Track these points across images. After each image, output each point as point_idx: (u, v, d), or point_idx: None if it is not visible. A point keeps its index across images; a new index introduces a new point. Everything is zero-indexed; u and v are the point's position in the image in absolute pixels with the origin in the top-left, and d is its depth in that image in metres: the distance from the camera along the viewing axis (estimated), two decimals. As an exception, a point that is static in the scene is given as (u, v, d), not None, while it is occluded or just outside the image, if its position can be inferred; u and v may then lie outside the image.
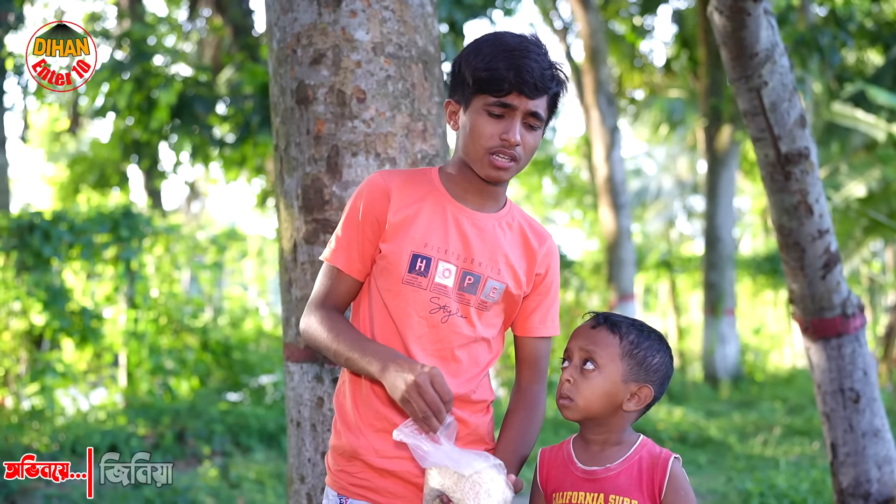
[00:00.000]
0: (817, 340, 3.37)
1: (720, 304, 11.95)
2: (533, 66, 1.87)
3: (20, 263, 8.05)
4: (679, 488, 1.77)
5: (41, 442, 6.94)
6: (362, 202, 1.96)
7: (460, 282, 1.93)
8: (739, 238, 17.77)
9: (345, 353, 1.87)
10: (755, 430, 8.45)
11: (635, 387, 1.80)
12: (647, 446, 1.83)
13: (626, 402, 1.81)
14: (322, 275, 2.01)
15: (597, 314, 1.88)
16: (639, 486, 1.78)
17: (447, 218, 1.96)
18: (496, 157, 1.90)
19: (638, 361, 1.80)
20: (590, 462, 1.84)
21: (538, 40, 1.93)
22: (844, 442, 3.34)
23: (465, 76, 1.91)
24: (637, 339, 1.81)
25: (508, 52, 1.87)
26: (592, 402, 1.80)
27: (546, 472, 1.91)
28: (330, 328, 1.92)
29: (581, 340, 1.83)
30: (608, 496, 1.79)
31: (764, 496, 4.96)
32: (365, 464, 1.93)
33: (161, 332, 8.90)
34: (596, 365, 1.79)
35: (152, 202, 12.63)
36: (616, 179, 11.77)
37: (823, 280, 3.31)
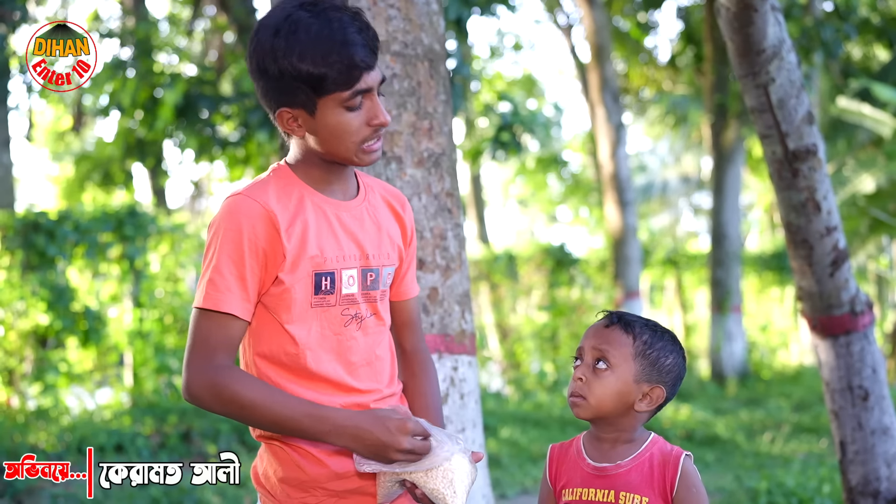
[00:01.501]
0: (826, 338, 3.35)
1: (727, 302, 11.92)
2: (358, 37, 1.71)
3: (25, 263, 8.05)
4: (691, 486, 1.76)
5: (47, 441, 6.95)
6: (245, 234, 1.71)
7: (363, 283, 1.83)
8: (745, 235, 17.73)
9: (283, 424, 1.68)
10: (762, 427, 8.43)
11: (647, 387, 1.79)
12: (658, 444, 1.82)
13: (638, 402, 1.79)
14: (203, 326, 1.71)
15: (610, 313, 1.86)
16: (650, 483, 1.76)
17: (330, 220, 1.82)
18: (370, 143, 1.79)
19: (651, 362, 1.78)
20: (600, 459, 1.83)
21: (332, 2, 1.74)
22: (853, 440, 3.33)
23: (295, 81, 1.71)
24: (650, 339, 1.79)
25: (329, 37, 1.69)
26: (604, 401, 1.78)
27: (556, 468, 1.89)
28: (251, 393, 1.68)
29: (594, 339, 1.81)
30: (619, 493, 1.77)
31: (772, 494, 4.94)
32: (326, 490, 1.82)
33: (166, 332, 8.90)
34: (608, 364, 1.77)
35: (157, 201, 12.64)
36: (622, 177, 11.74)
37: (832, 277, 3.29)
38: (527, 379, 11.13)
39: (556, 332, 11.76)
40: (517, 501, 5.97)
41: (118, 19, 12.93)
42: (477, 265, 11.74)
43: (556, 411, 9.06)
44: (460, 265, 2.71)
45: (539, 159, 18.31)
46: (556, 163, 18.50)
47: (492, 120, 11.65)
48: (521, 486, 6.41)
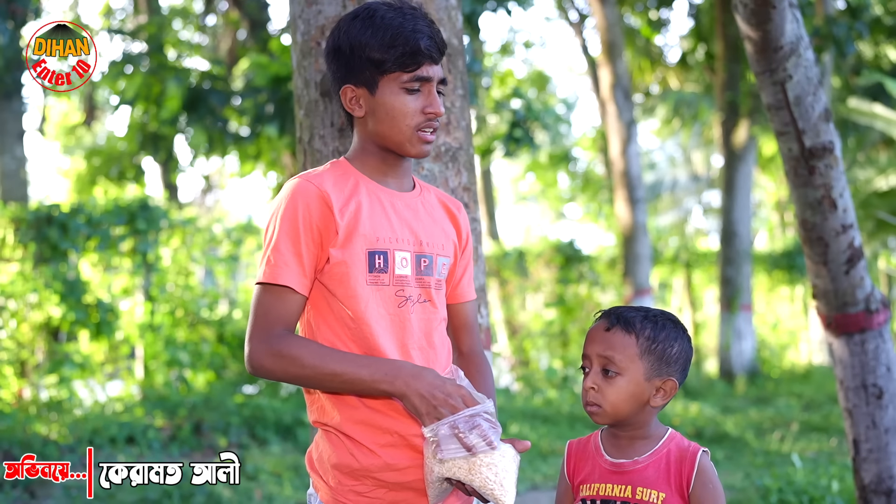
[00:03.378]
0: (840, 336, 3.35)
1: (736, 300, 11.90)
2: (427, 31, 1.85)
3: (38, 255, 8.09)
4: (707, 482, 1.76)
5: (59, 433, 6.98)
6: (300, 213, 1.80)
7: (417, 267, 1.89)
8: (755, 233, 17.70)
9: (342, 375, 1.73)
10: (772, 426, 8.42)
11: (659, 381, 1.79)
12: (675, 440, 1.83)
13: (653, 398, 1.80)
14: (263, 300, 1.80)
15: (607, 313, 1.85)
16: (666, 479, 1.77)
17: (385, 206, 1.90)
18: (424, 133, 1.88)
19: (658, 356, 1.79)
20: (618, 455, 1.84)
21: (410, 5, 1.89)
22: (867, 438, 3.32)
23: (362, 58, 1.85)
24: (652, 332, 1.79)
25: (401, 25, 1.83)
26: (619, 405, 1.79)
27: (574, 463, 1.90)
28: (310, 352, 1.76)
29: (598, 346, 1.81)
30: (636, 489, 1.78)
31: (783, 492, 4.94)
32: (377, 480, 1.85)
33: (177, 325, 8.94)
34: (617, 369, 1.78)
35: (168, 195, 12.67)
36: (632, 174, 11.73)
37: (847, 275, 3.29)
38: (536, 375, 11.14)
39: (565, 329, 11.77)
40: (527, 497, 5.97)
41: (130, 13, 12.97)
42: (487, 261, 11.73)
43: (566, 408, 9.07)
44: (476, 259, 2.71)
45: (550, 155, 18.27)
46: (566, 159, 18.47)
47: (503, 116, 11.64)
48: (531, 483, 6.42)
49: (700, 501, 1.76)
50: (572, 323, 11.77)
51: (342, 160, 1.96)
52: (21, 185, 9.70)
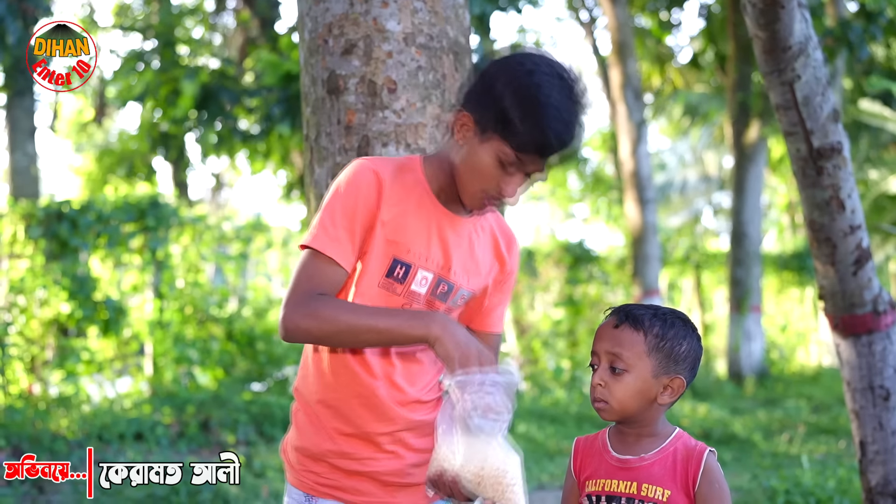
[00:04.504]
0: (847, 337, 3.33)
1: (746, 301, 11.87)
2: (571, 135, 1.78)
3: (48, 252, 8.13)
4: (714, 481, 1.76)
5: (68, 429, 7.01)
6: (358, 192, 1.83)
7: (434, 289, 1.90)
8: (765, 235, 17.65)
9: (377, 326, 1.74)
10: (780, 427, 8.40)
11: (667, 379, 1.79)
12: (682, 438, 1.82)
13: (661, 395, 1.80)
14: (308, 266, 1.82)
15: (617, 311, 1.85)
16: (672, 476, 1.76)
17: (430, 222, 1.89)
18: (487, 201, 1.86)
19: (666, 354, 1.78)
20: (624, 452, 1.84)
21: (582, 89, 1.80)
22: (874, 440, 3.31)
23: (500, 111, 1.76)
24: (661, 330, 1.79)
25: (555, 117, 1.74)
26: (626, 402, 1.78)
27: (580, 460, 1.91)
28: (344, 310, 1.77)
29: (606, 343, 1.81)
30: (641, 485, 1.78)
31: (790, 494, 4.92)
32: (332, 466, 1.92)
33: (186, 322, 8.96)
34: (625, 366, 1.77)
35: (178, 193, 12.71)
36: (642, 174, 11.71)
37: (855, 276, 3.27)
38: (544, 375, 11.14)
39: (573, 329, 11.75)
40: (533, 497, 5.97)
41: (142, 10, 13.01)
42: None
43: (574, 408, 9.06)
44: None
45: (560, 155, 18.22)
46: (576, 159, 18.45)
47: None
48: (538, 482, 6.42)
49: (706, 500, 1.75)
50: (581, 323, 11.76)
51: (418, 159, 1.95)
52: (32, 182, 9.75)
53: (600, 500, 1.82)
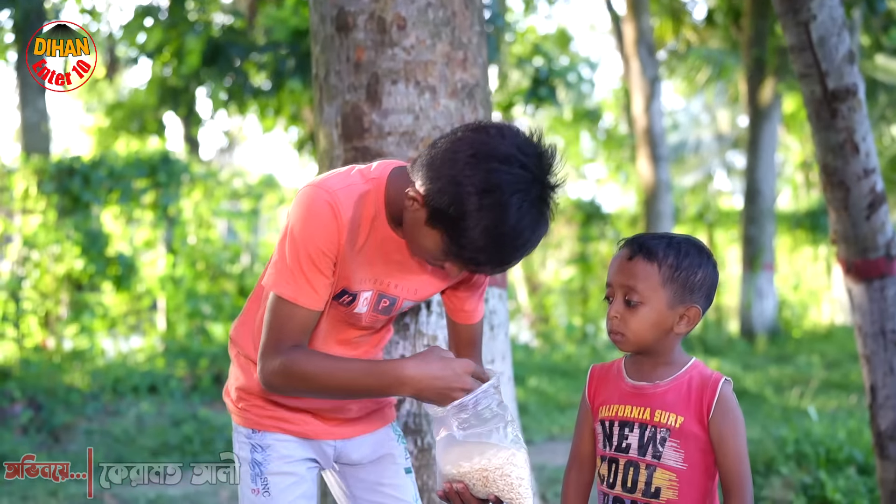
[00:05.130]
0: (860, 282, 3.31)
1: (758, 259, 11.83)
2: (520, 254, 1.65)
3: (60, 207, 8.15)
4: (728, 410, 1.74)
5: (82, 381, 7.09)
6: (319, 232, 1.72)
7: (375, 306, 1.88)
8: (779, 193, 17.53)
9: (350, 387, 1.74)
10: (791, 383, 8.40)
11: (683, 309, 1.76)
12: (698, 368, 1.80)
13: (677, 325, 1.77)
14: (279, 313, 1.76)
15: (630, 242, 1.82)
16: (686, 404, 1.75)
17: (383, 249, 1.82)
18: (427, 265, 1.82)
19: (681, 284, 1.75)
20: (639, 378, 1.82)
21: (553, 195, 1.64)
22: (884, 384, 3.30)
23: (456, 217, 1.59)
24: (675, 260, 1.75)
25: (513, 248, 1.61)
26: (643, 334, 1.76)
27: (595, 386, 1.89)
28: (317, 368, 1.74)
29: (620, 276, 1.78)
30: (654, 411, 1.76)
31: (799, 443, 4.93)
32: (274, 402, 1.95)
33: (198, 278, 9.00)
34: (639, 299, 1.75)
35: (189, 149, 12.70)
36: (655, 131, 11.62)
37: (868, 221, 3.24)
38: (555, 332, 11.16)
39: (584, 286, 11.75)
40: (544, 447, 6.01)
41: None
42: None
43: (584, 363, 9.09)
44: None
45: (575, 110, 18.10)
46: (589, 117, 18.31)
47: (526, 72, 11.54)
48: (549, 433, 6.46)
49: (720, 429, 1.73)
50: (592, 280, 11.75)
51: (383, 178, 1.79)
52: (43, 139, 9.75)
53: (613, 426, 1.81)
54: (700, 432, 1.74)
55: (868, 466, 4.70)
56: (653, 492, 1.75)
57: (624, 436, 1.79)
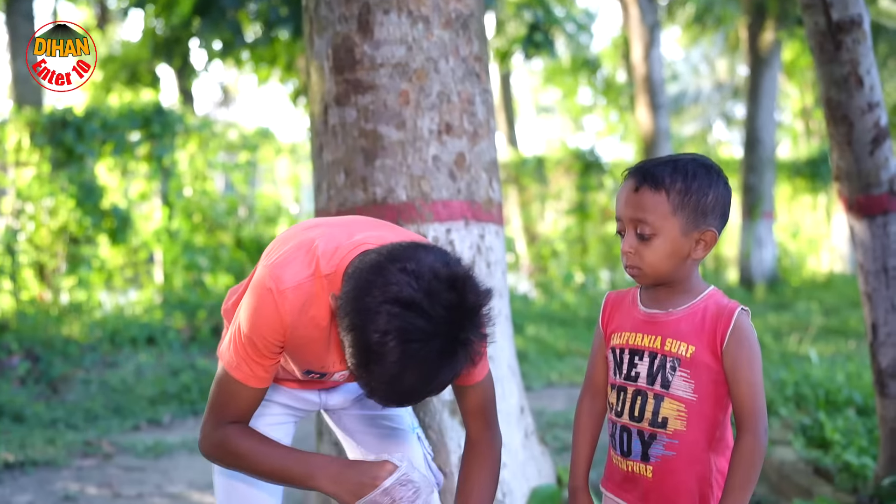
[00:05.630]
0: (862, 218, 3.26)
1: (758, 208, 11.77)
2: (412, 399, 1.62)
3: (54, 160, 8.07)
4: (743, 340, 1.66)
5: (80, 333, 7.07)
6: (264, 332, 1.71)
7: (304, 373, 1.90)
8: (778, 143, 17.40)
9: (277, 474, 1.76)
10: (790, 329, 8.40)
11: (698, 234, 1.68)
12: (715, 297, 1.72)
13: (693, 251, 1.70)
14: (225, 387, 1.78)
15: (634, 172, 1.73)
16: (699, 333, 1.68)
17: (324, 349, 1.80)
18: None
19: (692, 209, 1.67)
20: (653, 306, 1.76)
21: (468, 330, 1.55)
22: (886, 322, 3.27)
23: (365, 360, 1.56)
24: (683, 185, 1.67)
25: (393, 388, 1.57)
26: (659, 265, 1.69)
27: (609, 313, 1.84)
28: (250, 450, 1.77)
29: (628, 209, 1.70)
30: (665, 339, 1.70)
31: (799, 385, 4.92)
32: None
33: (195, 230, 8.95)
34: (651, 231, 1.67)
35: (184, 101, 12.56)
36: (654, 79, 11.49)
37: (871, 156, 3.18)
38: (554, 282, 11.14)
39: (583, 236, 11.71)
40: (542, 394, 6.01)
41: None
42: (505, 168, 11.62)
43: (583, 312, 9.07)
44: (488, 132, 2.64)
45: (573, 59, 17.91)
46: (587, 66, 18.11)
47: (523, 19, 11.38)
48: (547, 380, 6.46)
49: (734, 360, 1.65)
50: (590, 230, 11.71)
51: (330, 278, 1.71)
52: (35, 91, 9.62)
53: (623, 353, 1.75)
54: (713, 363, 1.67)
55: (867, 408, 4.70)
56: (660, 422, 1.70)
57: (633, 364, 1.74)
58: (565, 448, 4.50)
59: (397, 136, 2.48)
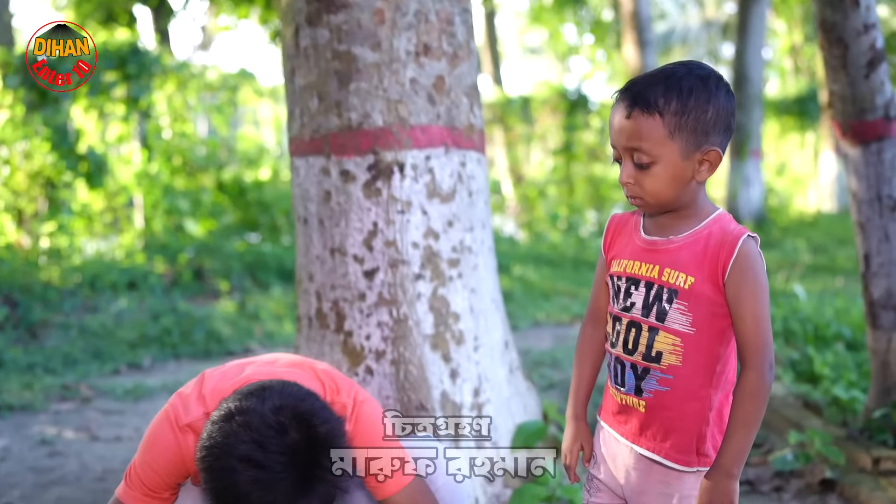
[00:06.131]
0: (856, 145, 3.16)
1: (745, 146, 11.66)
2: None
3: (28, 102, 7.85)
4: (747, 269, 1.52)
5: (60, 278, 6.95)
6: (159, 471, 1.82)
7: None
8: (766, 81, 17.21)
9: None
10: (777, 267, 8.35)
11: (700, 155, 1.54)
12: (721, 222, 1.58)
13: (698, 173, 1.56)
14: None
15: (623, 94, 1.57)
16: (700, 262, 1.55)
17: None
18: None
19: (691, 129, 1.52)
20: (655, 232, 1.63)
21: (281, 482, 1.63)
22: (878, 252, 3.19)
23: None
24: (678, 105, 1.52)
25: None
26: (662, 193, 1.56)
27: (611, 237, 1.72)
28: None
29: (622, 137, 1.55)
30: (663, 269, 1.58)
31: (787, 320, 4.88)
32: None
33: (175, 174, 8.78)
34: (649, 158, 1.53)
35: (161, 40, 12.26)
36: (642, 15, 11.29)
37: (867, 79, 3.08)
38: (540, 223, 11.04)
39: (569, 176, 11.58)
40: (529, 333, 5.95)
41: None
42: (491, 108, 11.45)
43: (570, 252, 9.00)
44: (469, 54, 2.52)
45: (555, 0, 17.60)
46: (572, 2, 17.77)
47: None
48: (533, 320, 6.40)
49: (737, 291, 1.52)
50: (577, 170, 11.58)
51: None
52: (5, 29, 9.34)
53: (621, 282, 1.64)
54: (713, 294, 1.54)
55: (856, 342, 4.67)
56: (653, 356, 1.58)
57: (629, 294, 1.62)
58: (552, 386, 4.44)
59: (372, 58, 2.35)
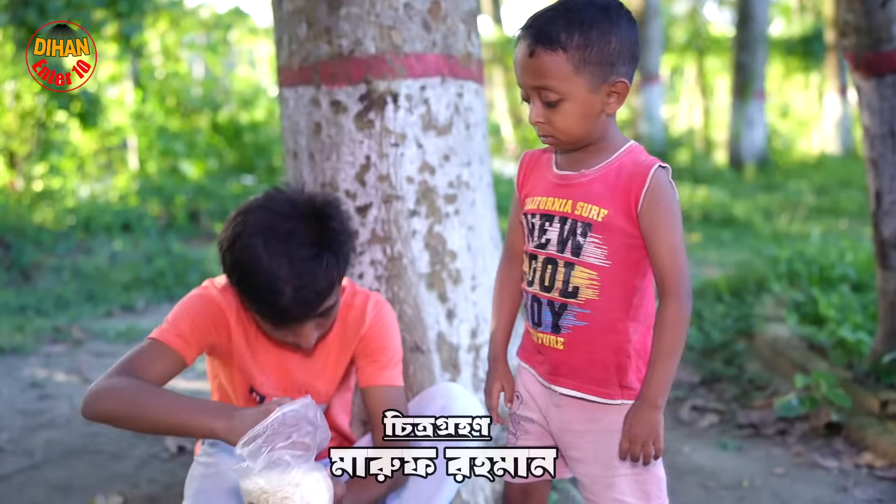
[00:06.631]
0: (870, 78, 3.04)
1: (749, 87, 11.47)
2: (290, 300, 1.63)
3: (17, 40, 7.68)
4: (660, 199, 1.50)
5: (53, 220, 6.86)
6: (207, 322, 1.78)
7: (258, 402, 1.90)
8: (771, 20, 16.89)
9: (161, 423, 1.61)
10: (780, 210, 8.25)
11: (608, 87, 1.50)
12: (632, 153, 1.56)
13: (607, 106, 1.52)
14: (138, 349, 1.72)
15: (524, 31, 1.53)
16: (612, 194, 1.52)
17: (272, 356, 1.86)
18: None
19: (596, 62, 1.49)
20: (567, 167, 1.60)
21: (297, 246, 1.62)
22: (891, 189, 3.08)
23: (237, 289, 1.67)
24: (581, 39, 1.48)
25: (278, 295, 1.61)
26: (573, 130, 1.52)
27: (524, 175, 1.69)
28: (134, 393, 1.62)
29: (527, 76, 1.51)
30: (576, 203, 1.54)
31: (792, 262, 4.79)
32: None
33: (169, 115, 8.64)
34: (557, 96, 1.50)
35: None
36: (644, -49, 11.02)
37: (883, 8, 2.94)
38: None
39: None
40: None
41: None
42: (490, 48, 11.24)
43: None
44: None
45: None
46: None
47: None
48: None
49: (651, 221, 1.50)
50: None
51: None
52: (-7, -33, 9.10)
53: (535, 218, 1.60)
54: (627, 226, 1.52)
55: (861, 284, 4.58)
56: (570, 291, 1.55)
57: (544, 230, 1.58)
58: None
59: (364, -19, 2.22)
